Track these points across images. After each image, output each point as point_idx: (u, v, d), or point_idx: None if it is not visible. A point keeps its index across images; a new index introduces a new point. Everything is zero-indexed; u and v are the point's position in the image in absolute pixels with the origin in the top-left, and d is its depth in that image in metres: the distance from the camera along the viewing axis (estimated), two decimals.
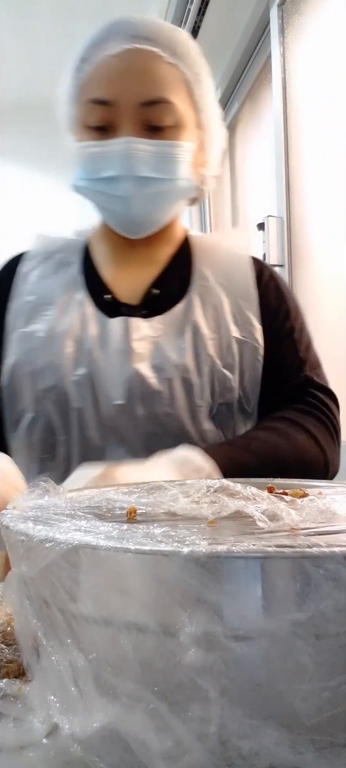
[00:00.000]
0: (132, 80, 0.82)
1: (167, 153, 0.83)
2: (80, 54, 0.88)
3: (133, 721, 0.31)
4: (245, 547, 0.30)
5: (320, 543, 0.30)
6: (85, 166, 0.86)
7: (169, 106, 0.83)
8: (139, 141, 0.82)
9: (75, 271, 0.92)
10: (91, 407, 0.82)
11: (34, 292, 0.90)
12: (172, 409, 0.81)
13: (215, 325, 0.87)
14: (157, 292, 0.89)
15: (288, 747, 0.30)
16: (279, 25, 2.20)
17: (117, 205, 0.85)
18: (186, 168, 0.86)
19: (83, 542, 0.33)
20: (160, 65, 0.84)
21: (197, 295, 0.88)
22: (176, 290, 0.89)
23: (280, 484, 0.55)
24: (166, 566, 0.30)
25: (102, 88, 0.84)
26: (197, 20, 2.49)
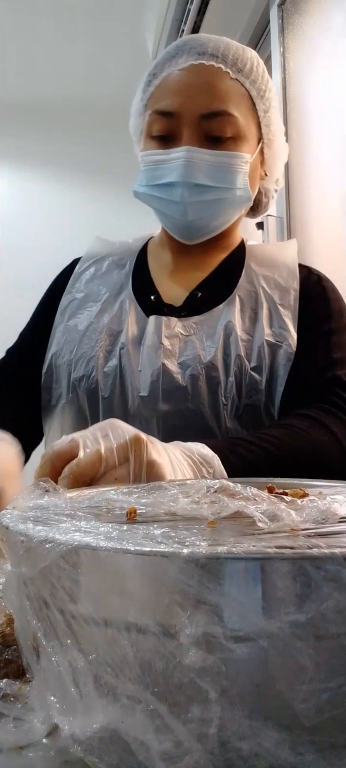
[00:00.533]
0: (194, 93, 0.87)
1: (224, 163, 0.88)
2: (151, 70, 0.93)
3: (133, 721, 0.31)
4: (244, 548, 0.30)
5: (320, 544, 0.30)
6: (146, 173, 0.91)
7: (230, 118, 0.88)
8: (197, 150, 0.86)
9: (127, 272, 0.97)
10: (119, 398, 0.86)
11: (82, 290, 0.96)
12: (195, 406, 0.84)
13: (250, 327, 0.89)
14: (199, 294, 0.93)
15: (288, 748, 0.30)
16: (279, 25, 2.20)
17: (174, 210, 0.90)
18: (243, 178, 0.90)
19: (83, 543, 0.33)
20: (224, 80, 0.88)
21: (238, 298, 0.92)
22: (220, 293, 0.93)
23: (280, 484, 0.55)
24: (166, 567, 0.30)
25: (166, 100, 0.89)
26: (197, 20, 2.49)
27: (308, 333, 0.91)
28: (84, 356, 0.89)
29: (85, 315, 0.93)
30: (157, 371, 0.85)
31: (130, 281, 0.96)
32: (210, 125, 0.87)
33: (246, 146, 0.90)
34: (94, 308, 0.93)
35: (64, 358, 0.91)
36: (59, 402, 0.91)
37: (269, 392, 0.87)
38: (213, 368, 0.85)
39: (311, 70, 2.05)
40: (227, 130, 0.88)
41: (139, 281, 0.96)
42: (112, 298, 0.94)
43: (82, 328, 0.91)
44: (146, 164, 0.91)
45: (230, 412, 0.85)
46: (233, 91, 0.89)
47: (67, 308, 0.95)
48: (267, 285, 0.94)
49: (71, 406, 0.89)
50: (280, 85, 2.18)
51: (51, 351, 0.94)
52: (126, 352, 0.87)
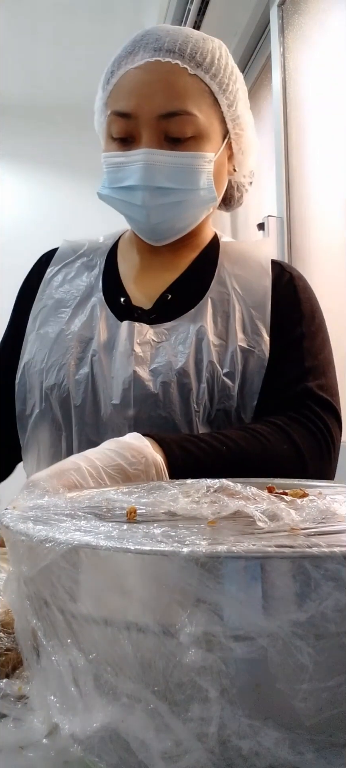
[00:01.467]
0: (150, 92, 0.84)
1: (185, 164, 0.85)
2: (109, 67, 0.90)
3: (133, 721, 0.31)
4: (245, 547, 0.30)
5: (320, 543, 0.30)
6: (108, 175, 0.89)
7: (189, 117, 0.84)
8: (157, 152, 0.84)
9: (97, 273, 0.96)
10: (91, 406, 0.85)
11: (52, 296, 0.95)
12: (167, 413, 0.83)
13: (223, 332, 0.87)
14: (169, 297, 0.91)
15: (288, 747, 0.30)
16: (279, 25, 2.20)
17: (137, 213, 0.88)
18: (206, 178, 0.87)
19: (83, 542, 0.33)
20: (182, 77, 0.84)
21: (210, 301, 0.89)
22: (190, 295, 0.91)
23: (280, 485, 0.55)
24: (166, 566, 0.30)
25: (123, 100, 0.86)
26: (197, 20, 2.49)
27: (280, 338, 0.89)
28: (55, 364, 0.87)
29: (55, 322, 0.91)
30: (128, 379, 0.84)
31: (101, 283, 0.94)
32: (169, 126, 0.83)
33: (209, 145, 0.87)
34: (64, 314, 0.91)
35: (36, 367, 0.89)
36: (33, 412, 0.89)
37: (241, 397, 0.85)
38: (185, 375, 0.83)
39: (311, 70, 2.05)
40: (187, 130, 0.84)
41: (109, 283, 0.94)
42: (83, 303, 0.92)
43: (53, 335, 0.90)
44: (108, 166, 0.89)
45: (201, 418, 0.83)
46: (192, 88, 0.85)
47: (38, 315, 0.94)
48: (239, 286, 0.91)
49: (45, 415, 0.88)
50: (280, 85, 2.18)
51: (24, 360, 0.92)
52: (98, 359, 0.86)
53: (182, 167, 0.85)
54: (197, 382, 0.84)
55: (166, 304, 0.91)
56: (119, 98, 0.86)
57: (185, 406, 0.83)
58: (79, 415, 0.85)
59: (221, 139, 0.90)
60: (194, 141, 0.85)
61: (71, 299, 0.93)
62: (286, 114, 2.18)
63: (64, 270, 0.97)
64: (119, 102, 0.86)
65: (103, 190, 0.91)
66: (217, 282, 0.91)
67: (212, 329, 0.87)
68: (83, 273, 0.96)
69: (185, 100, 0.84)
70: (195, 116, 0.84)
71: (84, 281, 0.95)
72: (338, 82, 1.83)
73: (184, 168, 0.85)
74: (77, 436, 0.85)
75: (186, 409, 0.83)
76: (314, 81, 2.02)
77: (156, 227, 0.89)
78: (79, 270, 0.97)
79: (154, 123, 0.83)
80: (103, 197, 0.92)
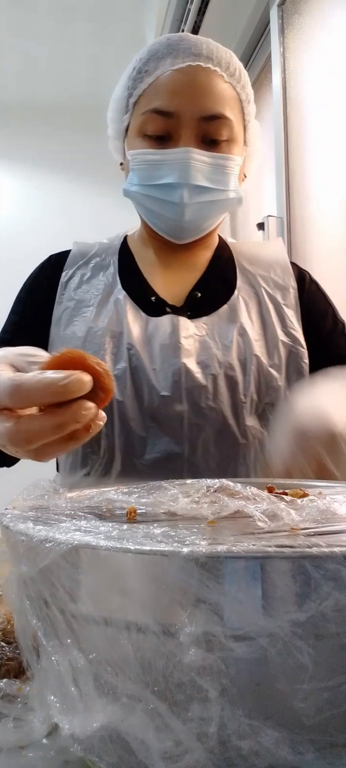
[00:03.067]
0: (195, 95, 0.88)
1: (221, 165, 0.89)
2: (137, 66, 0.93)
3: (133, 720, 0.31)
4: (245, 547, 0.30)
5: (320, 543, 0.30)
6: (141, 173, 0.91)
7: (227, 121, 0.89)
8: (198, 152, 0.87)
9: (113, 272, 0.97)
10: (133, 399, 0.86)
11: (72, 298, 0.96)
12: (215, 404, 0.85)
13: (260, 328, 0.92)
14: (199, 295, 0.94)
15: (288, 747, 0.30)
16: (279, 25, 2.20)
17: (171, 210, 0.90)
18: (235, 180, 0.92)
19: (83, 542, 0.33)
20: (220, 83, 0.89)
21: (241, 299, 0.93)
22: (219, 294, 0.94)
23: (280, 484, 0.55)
24: (166, 566, 0.30)
25: (165, 99, 0.88)
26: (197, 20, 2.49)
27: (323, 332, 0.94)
28: None
29: (81, 321, 0.92)
30: (178, 370, 0.85)
31: (119, 281, 0.96)
32: (208, 127, 0.88)
33: (237, 149, 0.92)
34: (88, 313, 0.93)
35: None
36: None
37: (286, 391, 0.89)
38: (230, 368, 0.87)
39: (311, 70, 2.05)
40: (223, 133, 0.89)
41: (129, 280, 0.96)
42: (105, 300, 0.94)
43: (81, 334, 0.91)
44: (140, 163, 0.91)
45: (249, 410, 0.87)
46: (228, 95, 0.90)
47: (61, 318, 0.95)
48: (267, 285, 0.96)
49: None
50: (280, 85, 2.18)
51: None
52: (135, 353, 0.87)
53: (217, 167, 0.89)
54: (243, 374, 0.87)
55: (197, 301, 0.94)
56: (159, 97, 0.89)
57: (233, 398, 0.86)
58: (121, 410, 0.86)
59: (243, 146, 0.95)
60: (226, 144, 0.90)
61: (92, 298, 0.94)
62: (286, 114, 2.18)
63: (80, 272, 0.99)
64: (159, 100, 0.89)
65: (132, 187, 0.93)
66: (243, 282, 0.96)
67: (250, 326, 0.91)
68: (99, 273, 0.98)
69: (223, 105, 0.89)
70: (231, 121, 0.90)
71: (101, 280, 0.97)
72: (339, 82, 1.83)
73: (219, 169, 0.89)
74: (120, 431, 0.86)
75: (233, 401, 0.86)
76: (314, 81, 2.02)
77: (186, 225, 0.91)
78: (95, 270, 0.99)
79: (194, 124, 0.87)
80: (131, 194, 0.94)
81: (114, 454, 0.85)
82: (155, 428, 0.85)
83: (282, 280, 0.97)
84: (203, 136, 0.88)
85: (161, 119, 0.88)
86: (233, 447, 0.86)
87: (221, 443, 0.85)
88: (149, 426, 0.85)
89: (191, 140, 0.87)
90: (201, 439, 0.84)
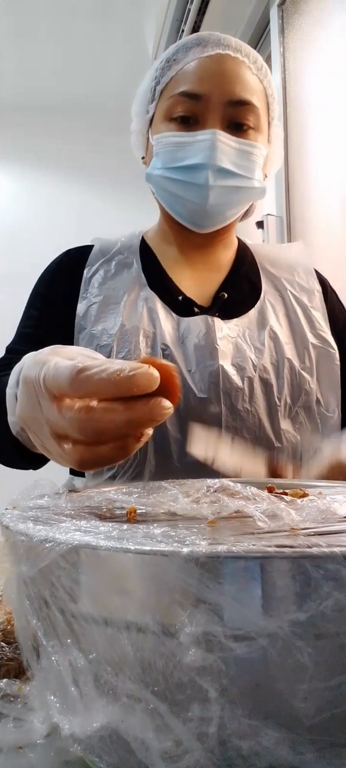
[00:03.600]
0: (223, 80, 0.89)
1: (247, 151, 0.89)
2: (165, 57, 0.94)
3: (133, 721, 0.31)
4: (245, 547, 0.30)
5: (320, 543, 0.30)
6: (165, 155, 0.91)
7: (254, 108, 0.90)
8: (225, 135, 0.88)
9: (136, 270, 0.96)
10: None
11: (98, 294, 0.94)
12: (251, 406, 0.85)
13: (289, 331, 0.92)
14: (226, 296, 0.94)
15: (288, 747, 0.30)
16: (279, 25, 2.20)
17: (194, 193, 0.89)
18: (259, 170, 0.92)
19: (83, 542, 0.33)
20: (248, 73, 0.91)
21: (269, 303, 0.93)
22: (245, 295, 0.94)
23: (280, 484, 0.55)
24: (166, 566, 0.30)
25: (194, 83, 0.89)
26: (197, 20, 2.49)
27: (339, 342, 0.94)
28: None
29: (109, 318, 0.90)
30: (215, 372, 0.84)
31: (144, 279, 0.94)
32: (236, 113, 0.88)
33: (262, 139, 0.93)
34: (118, 310, 0.91)
35: None
36: None
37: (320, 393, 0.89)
38: (265, 371, 0.86)
39: (311, 70, 2.04)
40: (250, 120, 0.89)
41: (154, 279, 0.95)
42: (133, 298, 0.92)
43: (113, 332, 0.89)
44: (165, 146, 0.90)
45: (283, 413, 0.86)
46: (255, 86, 0.91)
47: (87, 314, 0.92)
48: (292, 288, 0.96)
49: None
50: (280, 85, 2.18)
51: None
52: (170, 353, 0.86)
53: (243, 153, 0.89)
54: (276, 378, 0.87)
55: (224, 302, 0.93)
56: (188, 81, 0.90)
57: (268, 401, 0.86)
58: None
59: (267, 141, 0.96)
60: (253, 132, 0.90)
61: (119, 295, 0.93)
62: (286, 114, 2.18)
63: (103, 268, 0.98)
64: (188, 84, 0.90)
65: (155, 171, 0.92)
66: (268, 285, 0.96)
67: (279, 329, 0.91)
68: (123, 270, 0.97)
69: (251, 93, 0.90)
70: (258, 109, 0.90)
71: (125, 277, 0.95)
72: (339, 82, 1.83)
73: (245, 155, 0.89)
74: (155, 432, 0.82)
75: (268, 404, 0.86)
76: (314, 81, 2.02)
77: (210, 210, 0.90)
78: (118, 267, 0.97)
79: (222, 108, 0.88)
80: (153, 178, 0.93)
81: (147, 456, 0.84)
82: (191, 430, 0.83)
83: (307, 283, 0.97)
84: (229, 122, 0.88)
85: (189, 102, 0.89)
86: (267, 450, 0.85)
87: (257, 447, 0.85)
88: (184, 427, 0.83)
89: (218, 124, 0.88)
90: (237, 441, 0.83)
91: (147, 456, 0.83)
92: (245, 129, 0.89)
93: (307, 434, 0.88)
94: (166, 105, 0.91)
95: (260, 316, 0.91)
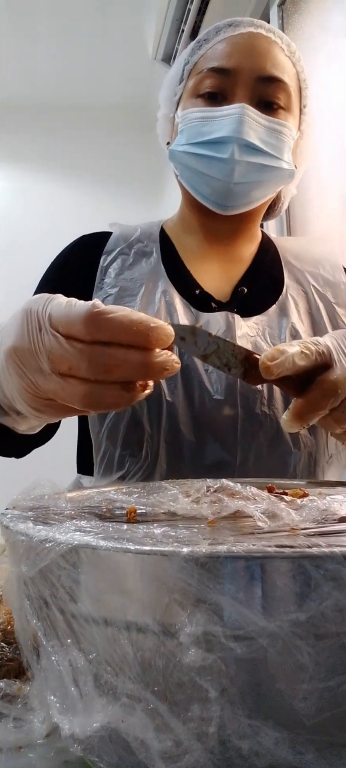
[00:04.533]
0: (254, 55, 0.86)
1: (276, 130, 0.85)
2: (201, 38, 0.91)
3: (133, 720, 0.31)
4: (245, 547, 0.30)
5: (320, 543, 0.30)
6: (190, 131, 0.87)
7: (285, 86, 0.86)
8: (253, 110, 0.84)
9: (155, 260, 0.92)
10: (183, 400, 0.81)
11: (115, 284, 0.91)
12: (269, 410, 0.81)
13: (310, 328, 0.87)
14: (245, 290, 0.90)
15: (288, 747, 0.30)
16: (279, 25, 2.20)
17: (218, 169, 0.85)
18: (288, 151, 0.88)
19: (83, 542, 0.33)
20: (280, 53, 0.88)
21: (291, 299, 0.89)
22: (266, 290, 0.90)
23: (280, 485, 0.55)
24: (166, 566, 0.30)
25: (223, 58, 0.86)
26: (197, 20, 2.49)
27: None
28: None
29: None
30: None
31: (163, 271, 0.90)
32: (266, 89, 0.85)
33: (293, 121, 0.89)
34: (134, 303, 0.87)
35: None
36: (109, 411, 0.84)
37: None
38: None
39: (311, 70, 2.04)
40: (281, 98, 0.86)
41: (172, 271, 0.91)
42: (150, 291, 0.88)
43: None
44: (190, 121, 0.87)
45: None
46: (287, 66, 0.88)
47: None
48: (316, 283, 0.92)
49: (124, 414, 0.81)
50: None
51: None
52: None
53: (272, 131, 0.85)
54: None
55: (244, 297, 0.89)
56: (217, 57, 0.87)
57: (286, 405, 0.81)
58: (170, 411, 0.80)
59: (297, 127, 0.92)
60: (283, 112, 0.87)
61: (136, 287, 0.89)
62: None
63: (121, 257, 0.93)
64: (218, 60, 0.87)
65: (179, 147, 0.88)
66: (291, 279, 0.92)
67: (301, 326, 0.87)
68: (141, 259, 0.93)
69: (283, 71, 0.87)
70: (288, 87, 0.87)
71: (144, 268, 0.92)
72: (339, 82, 1.83)
73: (274, 132, 0.85)
74: (167, 433, 0.81)
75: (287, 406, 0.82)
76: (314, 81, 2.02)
77: (235, 188, 0.86)
78: (137, 256, 0.93)
79: (251, 83, 0.85)
80: (176, 155, 0.89)
81: (158, 458, 0.81)
82: (206, 433, 0.80)
83: (332, 277, 0.92)
84: (259, 99, 0.85)
85: (217, 77, 0.86)
86: (285, 456, 0.82)
87: (274, 452, 0.81)
88: (200, 431, 0.81)
89: (247, 100, 0.84)
90: (254, 446, 0.80)
91: (158, 458, 0.81)
92: (276, 108, 0.86)
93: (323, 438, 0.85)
94: (194, 81, 0.88)
95: (281, 313, 0.87)
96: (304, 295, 0.90)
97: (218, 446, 0.80)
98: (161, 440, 0.81)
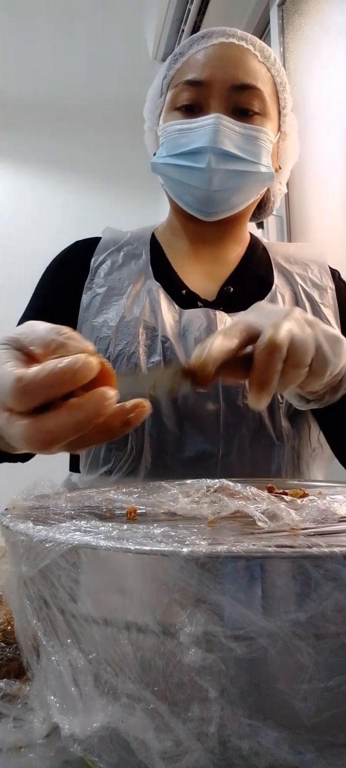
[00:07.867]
0: (225, 65, 0.88)
1: (252, 135, 0.88)
2: (177, 51, 0.94)
3: (133, 721, 0.31)
4: (245, 547, 0.30)
5: (320, 543, 0.30)
6: (169, 143, 0.90)
7: (258, 92, 0.88)
8: (228, 119, 0.86)
9: (144, 261, 0.95)
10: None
11: (103, 285, 0.93)
12: None
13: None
14: (231, 289, 0.92)
15: (288, 747, 0.30)
16: (279, 25, 2.20)
17: (197, 178, 0.88)
18: (267, 155, 0.91)
19: (83, 542, 0.33)
20: (253, 60, 0.90)
21: (280, 296, 0.91)
22: (252, 289, 0.92)
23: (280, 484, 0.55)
24: (166, 566, 0.30)
25: (197, 71, 0.89)
26: (197, 20, 2.49)
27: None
28: (123, 353, 0.85)
29: (113, 309, 0.89)
30: None
31: (151, 271, 0.93)
32: (240, 97, 0.87)
33: (270, 125, 0.91)
34: (121, 302, 0.90)
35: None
36: None
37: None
38: None
39: (311, 70, 2.04)
40: (255, 104, 0.88)
41: (160, 272, 0.94)
42: (137, 290, 0.91)
43: (113, 323, 0.87)
44: (169, 134, 0.90)
45: (284, 411, 0.84)
46: (261, 72, 0.90)
47: (90, 305, 0.91)
48: (304, 283, 0.94)
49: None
50: None
51: None
52: (170, 345, 0.84)
53: (248, 138, 0.87)
54: None
55: (230, 296, 0.91)
56: (192, 70, 0.90)
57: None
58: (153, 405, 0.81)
59: (277, 129, 0.94)
60: (258, 117, 0.89)
61: (124, 286, 0.92)
62: None
63: (110, 258, 0.96)
64: (192, 72, 0.89)
65: (160, 159, 0.91)
66: (280, 279, 0.94)
67: None
68: (130, 261, 0.96)
69: (256, 78, 0.89)
70: (263, 93, 0.89)
71: (133, 269, 0.94)
72: (339, 82, 1.83)
73: (250, 139, 0.88)
74: (151, 427, 0.83)
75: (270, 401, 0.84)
76: (314, 81, 2.02)
77: (214, 195, 0.88)
78: (126, 258, 0.96)
79: (225, 93, 0.87)
80: (158, 167, 0.93)
81: (143, 452, 0.83)
82: (189, 426, 0.82)
83: (319, 280, 0.95)
84: (234, 107, 0.87)
85: (192, 89, 0.88)
86: (268, 448, 0.84)
87: (257, 444, 0.83)
88: (183, 423, 0.82)
89: (222, 110, 0.87)
90: (236, 439, 0.82)
91: (143, 451, 0.82)
92: (251, 114, 0.88)
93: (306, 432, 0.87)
94: (172, 95, 0.91)
95: None
96: (292, 294, 0.93)
97: (201, 439, 0.82)
98: (146, 433, 0.83)
